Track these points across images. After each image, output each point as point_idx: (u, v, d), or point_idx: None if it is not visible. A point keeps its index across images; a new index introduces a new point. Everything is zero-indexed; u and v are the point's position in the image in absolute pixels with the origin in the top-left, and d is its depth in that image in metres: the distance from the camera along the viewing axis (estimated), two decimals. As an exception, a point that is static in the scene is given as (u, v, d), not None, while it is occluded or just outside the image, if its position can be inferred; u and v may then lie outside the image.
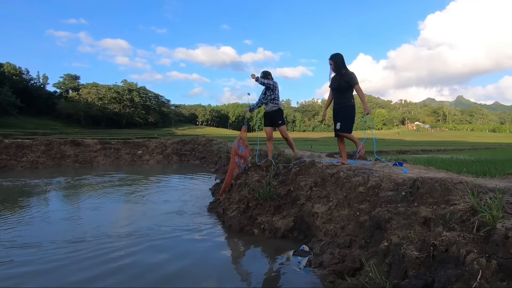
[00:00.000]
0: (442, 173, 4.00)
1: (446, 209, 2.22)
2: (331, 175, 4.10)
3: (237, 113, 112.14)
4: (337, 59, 4.34)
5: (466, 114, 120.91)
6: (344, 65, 4.37)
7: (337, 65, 4.34)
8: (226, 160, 10.34)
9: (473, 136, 64.48)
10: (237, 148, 5.24)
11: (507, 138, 59.44)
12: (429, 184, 2.79)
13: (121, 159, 12.85)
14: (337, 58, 4.34)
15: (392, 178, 3.36)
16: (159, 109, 78.31)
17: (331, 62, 4.38)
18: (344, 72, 4.33)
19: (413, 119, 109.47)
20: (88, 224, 4.31)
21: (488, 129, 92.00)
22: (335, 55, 4.37)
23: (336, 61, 4.35)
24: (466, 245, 1.62)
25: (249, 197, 4.50)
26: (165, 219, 4.53)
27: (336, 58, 4.34)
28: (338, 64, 4.34)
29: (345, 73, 4.32)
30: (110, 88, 67.74)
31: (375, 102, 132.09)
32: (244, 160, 5.34)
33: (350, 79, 4.26)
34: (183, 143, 14.82)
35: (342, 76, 4.33)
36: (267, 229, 3.94)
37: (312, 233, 3.60)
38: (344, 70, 4.34)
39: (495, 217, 1.62)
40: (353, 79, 4.26)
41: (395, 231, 2.40)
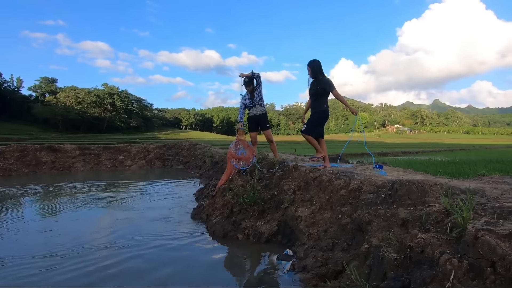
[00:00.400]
0: (420, 175, 4.14)
1: (423, 210, 2.30)
2: (314, 179, 4.15)
3: (222, 117, 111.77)
4: (314, 65, 4.45)
5: (442, 117, 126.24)
6: (321, 71, 4.48)
7: (314, 71, 4.46)
8: (211, 165, 10.26)
9: (449, 138, 67.38)
10: (233, 152, 5.17)
11: (480, 139, 62.51)
12: (407, 186, 2.88)
13: (101, 165, 12.46)
14: (314, 65, 4.45)
15: (372, 180, 3.45)
16: (142, 113, 76.73)
17: (309, 68, 4.50)
18: (321, 78, 4.44)
19: (393, 122, 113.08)
20: (66, 235, 4.11)
21: (462, 131, 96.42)
22: (312, 62, 4.48)
23: (313, 67, 4.46)
24: (440, 246, 1.68)
25: (233, 202, 4.48)
26: (147, 227, 4.42)
27: (313, 64, 4.46)
28: (315, 70, 4.46)
29: (322, 79, 4.43)
30: (90, 91, 65.69)
31: (357, 106, 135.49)
32: (246, 161, 5.23)
33: (326, 85, 4.39)
34: (166, 148, 14.57)
35: (318, 82, 4.45)
36: (251, 234, 3.93)
37: (296, 236, 3.63)
38: (321, 76, 4.46)
39: (466, 218, 1.69)
40: (329, 85, 4.39)
41: (375, 233, 2.46)
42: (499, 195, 2.34)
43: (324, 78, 4.42)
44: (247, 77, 5.08)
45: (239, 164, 5.15)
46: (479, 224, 1.70)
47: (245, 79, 5.15)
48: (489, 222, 1.74)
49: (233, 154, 5.17)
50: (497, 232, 1.57)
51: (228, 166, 5.21)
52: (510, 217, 1.77)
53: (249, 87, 5.19)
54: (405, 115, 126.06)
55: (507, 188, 2.65)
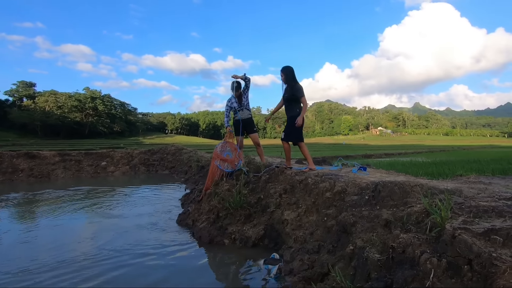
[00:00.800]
0: (402, 176, 4.25)
1: (404, 211, 2.36)
2: (299, 182, 4.19)
3: (208, 121, 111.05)
4: (287, 71, 4.58)
5: (422, 120, 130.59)
6: (294, 77, 4.60)
7: (288, 77, 4.58)
8: (197, 170, 10.15)
9: (430, 140, 69.72)
10: (218, 153, 5.12)
11: (459, 141, 65.05)
12: (389, 188, 2.96)
13: (82, 171, 12.08)
14: (287, 71, 4.58)
15: (356, 182, 3.51)
16: (125, 117, 75.00)
17: (282, 74, 4.62)
18: (294, 85, 4.57)
19: (376, 125, 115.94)
20: (43, 246, 3.93)
21: (442, 133, 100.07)
22: (286, 68, 4.60)
23: (286, 74, 4.58)
24: (420, 246, 1.73)
25: (219, 207, 4.44)
26: (131, 235, 4.31)
27: (287, 71, 4.58)
28: (288, 77, 4.58)
29: (294, 86, 4.56)
30: (71, 96, 63.66)
31: (341, 109, 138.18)
32: (231, 164, 5.17)
33: (297, 91, 4.52)
34: (151, 153, 14.30)
35: (291, 88, 4.57)
36: (238, 238, 3.90)
37: (282, 240, 3.64)
38: (294, 83, 4.58)
39: (444, 218, 1.75)
40: (299, 91, 4.52)
41: (360, 234, 2.50)
42: (475, 195, 2.44)
43: (297, 85, 4.57)
44: (241, 79, 5.09)
45: (223, 165, 5.09)
46: (457, 223, 1.76)
47: (235, 83, 5.17)
48: (466, 221, 1.80)
49: (218, 155, 5.12)
50: (473, 230, 1.64)
51: (211, 167, 5.14)
52: (485, 216, 1.84)
53: (237, 92, 5.19)
54: (387, 118, 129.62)
55: (482, 187, 2.77)
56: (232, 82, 5.23)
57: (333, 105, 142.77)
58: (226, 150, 5.17)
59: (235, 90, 5.20)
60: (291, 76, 4.56)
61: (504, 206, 1.95)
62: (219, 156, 5.12)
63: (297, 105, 4.59)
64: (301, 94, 4.50)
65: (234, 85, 5.19)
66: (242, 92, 5.22)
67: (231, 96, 5.32)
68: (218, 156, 5.11)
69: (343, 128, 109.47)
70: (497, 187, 2.83)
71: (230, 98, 5.33)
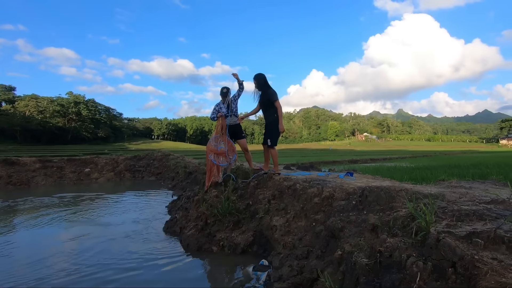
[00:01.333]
0: (387, 181, 4.35)
1: (391, 215, 2.41)
2: (288, 188, 4.21)
3: (195, 126, 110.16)
4: (259, 79, 4.78)
5: (406, 126, 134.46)
6: (266, 84, 4.79)
7: (260, 84, 4.77)
8: (184, 176, 10.02)
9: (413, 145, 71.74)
10: (212, 147, 5.02)
11: (440, 146, 67.25)
12: (376, 193, 3.02)
13: (65, 178, 11.69)
14: (259, 78, 4.78)
15: (344, 188, 3.57)
16: (110, 123, 73.30)
17: (255, 82, 4.79)
18: (266, 90, 4.75)
19: (362, 131, 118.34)
20: (19, 261, 3.70)
21: (424, 138, 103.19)
22: (258, 76, 4.80)
23: (258, 81, 4.77)
24: (407, 250, 1.77)
25: (207, 214, 4.39)
26: (116, 245, 4.18)
27: (258, 78, 4.78)
28: (260, 83, 4.77)
29: (267, 91, 4.74)
30: (53, 100, 61.75)
31: (328, 115, 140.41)
32: (225, 157, 5.05)
33: (271, 95, 4.70)
34: (137, 159, 14.03)
35: (265, 94, 4.75)
36: (226, 245, 3.87)
37: (271, 246, 3.63)
38: (266, 88, 4.75)
39: (429, 222, 1.80)
40: (273, 96, 4.69)
41: (348, 239, 2.53)
42: (457, 199, 2.52)
43: (270, 90, 4.73)
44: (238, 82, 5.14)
45: (218, 160, 5.02)
46: (441, 227, 1.82)
47: (224, 89, 5.23)
48: (449, 225, 1.86)
49: (212, 149, 5.03)
50: (456, 234, 1.69)
51: (207, 163, 5.05)
52: (467, 219, 1.91)
53: (227, 98, 5.21)
54: (372, 124, 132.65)
55: (463, 192, 2.87)
56: (221, 88, 5.27)
57: (320, 111, 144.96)
58: (219, 144, 5.10)
59: (224, 96, 5.22)
60: (263, 82, 4.76)
61: (484, 210, 2.02)
62: (213, 150, 5.04)
63: (274, 109, 4.74)
64: (275, 98, 4.67)
65: (223, 91, 5.22)
66: (232, 98, 5.24)
67: (220, 101, 5.33)
68: (212, 150, 5.03)
69: (329, 133, 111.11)
70: (477, 191, 2.94)
71: (219, 103, 5.34)
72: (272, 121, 4.76)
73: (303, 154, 25.98)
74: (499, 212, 1.97)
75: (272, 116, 4.75)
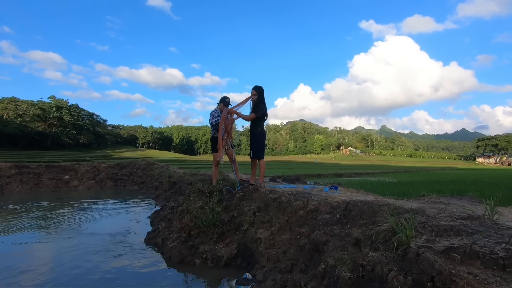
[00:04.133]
0: (370, 196, 4.44)
1: (373, 230, 2.45)
2: (273, 200, 4.21)
3: (182, 135, 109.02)
4: (260, 91, 4.90)
5: (389, 141, 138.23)
6: (260, 98, 4.87)
7: (259, 96, 4.84)
8: (168, 186, 9.83)
9: (395, 161, 73.67)
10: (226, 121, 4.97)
11: (421, 162, 69.36)
12: (359, 207, 3.07)
13: (42, 185, 11.20)
14: (260, 90, 4.90)
15: (328, 201, 3.61)
16: (93, 129, 71.40)
17: (255, 92, 4.87)
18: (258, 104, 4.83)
19: (347, 145, 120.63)
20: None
21: (406, 154, 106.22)
22: (259, 87, 4.92)
23: (260, 93, 4.87)
24: (388, 264, 1.81)
25: (191, 225, 4.31)
26: (93, 256, 4.01)
27: (260, 90, 4.90)
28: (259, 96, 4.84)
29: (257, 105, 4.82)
30: (34, 104, 59.75)
31: (314, 129, 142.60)
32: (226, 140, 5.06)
33: (254, 107, 4.85)
34: (119, 167, 13.66)
35: (254, 106, 4.87)
36: (210, 258, 3.79)
37: (255, 259, 3.59)
38: (259, 102, 4.84)
39: (409, 236, 1.86)
40: (256, 109, 4.81)
41: (331, 253, 2.55)
42: (436, 214, 2.61)
43: (261, 105, 4.84)
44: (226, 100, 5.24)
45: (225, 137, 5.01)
46: (420, 241, 1.87)
47: (227, 98, 5.32)
48: (429, 240, 1.92)
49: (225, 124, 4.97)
50: (435, 248, 1.74)
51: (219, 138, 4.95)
52: (445, 235, 1.98)
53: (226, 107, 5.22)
54: (357, 139, 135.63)
55: (442, 207, 2.97)
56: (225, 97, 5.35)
57: (306, 125, 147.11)
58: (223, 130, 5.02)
59: (227, 105, 5.25)
60: (261, 96, 4.87)
61: (461, 226, 2.10)
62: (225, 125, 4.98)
63: (258, 122, 4.86)
64: (256, 111, 4.79)
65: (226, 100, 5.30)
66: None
67: (216, 108, 5.38)
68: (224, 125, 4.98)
69: (315, 147, 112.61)
70: (455, 207, 3.05)
71: (216, 109, 5.36)
72: (255, 133, 4.86)
73: (289, 167, 26.13)
74: (475, 228, 2.05)
75: (256, 128, 4.86)
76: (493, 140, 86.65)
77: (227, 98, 5.37)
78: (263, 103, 4.88)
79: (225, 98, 5.37)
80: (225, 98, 5.37)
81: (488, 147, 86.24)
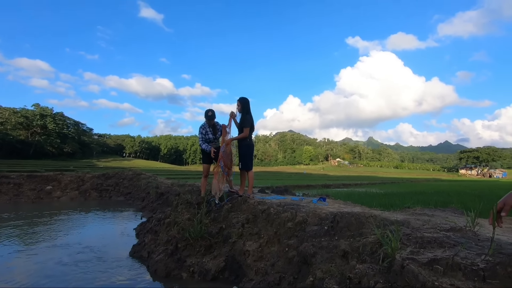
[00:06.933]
0: (358, 207, 4.50)
1: (360, 241, 2.49)
2: (262, 211, 4.20)
3: (170, 145, 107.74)
4: (244, 102, 4.95)
5: (376, 153, 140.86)
6: (246, 108, 4.93)
7: (243, 107, 4.92)
8: (155, 196, 9.65)
9: (382, 172, 75.00)
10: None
11: (407, 173, 70.85)
12: (347, 219, 3.11)
13: (22, 196, 10.78)
14: (244, 102, 4.95)
15: (317, 213, 3.63)
16: (79, 138, 69.70)
17: (239, 103, 4.94)
18: (245, 115, 4.90)
19: (335, 156, 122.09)
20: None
21: (392, 166, 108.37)
22: (243, 99, 4.98)
23: (243, 104, 4.94)
24: (374, 276, 1.83)
25: (178, 237, 4.24)
26: (72, 270, 3.87)
27: (243, 101, 4.96)
28: (243, 107, 4.92)
29: (244, 117, 4.90)
30: (17, 111, 58.03)
31: (303, 140, 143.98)
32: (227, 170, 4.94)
33: (242, 122, 4.90)
34: (105, 177, 13.34)
35: (241, 118, 4.94)
36: (197, 271, 3.72)
37: (243, 272, 3.54)
38: (245, 113, 4.92)
39: (394, 248, 1.89)
40: (244, 122, 4.87)
41: (320, 265, 2.56)
42: (420, 226, 2.67)
43: (247, 116, 4.90)
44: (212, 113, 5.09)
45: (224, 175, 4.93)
46: (405, 253, 1.91)
47: (209, 112, 5.07)
48: (413, 251, 1.96)
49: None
50: (419, 260, 1.78)
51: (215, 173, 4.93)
52: (428, 247, 2.03)
53: (212, 121, 5.14)
54: (345, 150, 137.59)
55: (426, 219, 3.04)
56: (206, 111, 5.09)
57: (295, 136, 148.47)
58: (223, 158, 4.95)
59: (210, 119, 5.09)
60: (246, 107, 4.91)
61: (444, 237, 2.16)
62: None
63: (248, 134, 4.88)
64: (244, 124, 4.83)
65: (208, 115, 5.05)
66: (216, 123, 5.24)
67: (205, 124, 5.18)
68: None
69: (304, 158, 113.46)
70: (438, 219, 3.13)
71: (204, 125, 5.19)
72: (244, 144, 4.88)
73: (278, 177, 26.14)
74: (457, 240, 2.11)
75: (244, 139, 4.88)
76: (475, 152, 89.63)
77: (209, 112, 5.09)
78: (249, 114, 4.93)
79: (207, 112, 5.09)
80: (207, 112, 5.09)
81: (470, 159, 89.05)
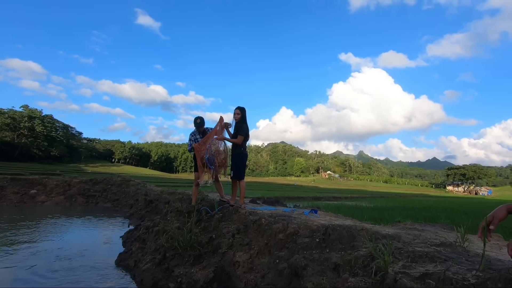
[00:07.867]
0: (349, 220, 4.51)
1: (352, 254, 2.48)
2: (253, 222, 4.16)
3: (161, 152, 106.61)
4: (244, 111, 4.99)
5: (366, 167, 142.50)
6: (243, 118, 4.96)
7: (242, 116, 4.94)
8: (144, 204, 9.46)
9: (372, 186, 75.74)
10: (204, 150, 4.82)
11: (396, 188, 71.77)
12: (338, 231, 3.10)
13: (4, 199, 10.42)
14: (244, 111, 5.00)
15: (308, 225, 3.61)
16: (67, 141, 68.32)
17: (239, 111, 4.96)
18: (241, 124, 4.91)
19: (326, 169, 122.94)
20: None
21: (382, 180, 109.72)
22: (242, 108, 5.01)
23: (243, 113, 4.98)
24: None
25: (166, 246, 4.14)
26: (51, 279, 3.70)
27: (243, 110, 5.00)
28: (242, 116, 4.94)
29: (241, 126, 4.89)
30: (4, 112, 56.70)
31: (294, 151, 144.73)
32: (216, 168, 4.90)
33: (237, 129, 4.91)
34: (93, 183, 13.04)
35: (236, 127, 4.94)
36: (185, 282, 3.62)
37: (233, 284, 3.47)
38: (242, 123, 4.93)
39: (387, 262, 1.89)
40: (239, 130, 4.87)
41: (311, 278, 2.53)
42: (411, 240, 2.68)
43: (243, 125, 4.92)
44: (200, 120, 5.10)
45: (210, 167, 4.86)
46: (397, 267, 1.91)
47: (197, 119, 5.10)
48: (405, 265, 1.96)
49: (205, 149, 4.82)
50: (411, 274, 1.79)
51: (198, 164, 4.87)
52: (420, 261, 2.03)
53: (201, 128, 5.15)
54: (335, 163, 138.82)
55: (417, 234, 3.06)
56: (195, 118, 5.16)
57: (287, 147, 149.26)
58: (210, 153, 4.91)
59: (199, 126, 5.13)
60: (242, 116, 4.95)
61: (435, 252, 2.17)
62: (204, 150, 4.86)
63: (242, 143, 4.89)
64: (239, 132, 4.85)
65: (197, 122, 5.11)
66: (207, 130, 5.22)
67: (195, 131, 5.21)
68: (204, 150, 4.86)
69: (295, 169, 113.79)
70: (429, 233, 3.16)
71: (194, 132, 5.21)
72: (237, 153, 4.87)
73: (269, 188, 26.07)
74: (448, 255, 2.13)
75: (238, 148, 4.87)
76: (462, 169, 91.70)
77: (198, 119, 5.14)
78: (245, 123, 4.95)
79: (195, 119, 5.15)
80: (196, 120, 5.14)
81: (457, 176, 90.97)
